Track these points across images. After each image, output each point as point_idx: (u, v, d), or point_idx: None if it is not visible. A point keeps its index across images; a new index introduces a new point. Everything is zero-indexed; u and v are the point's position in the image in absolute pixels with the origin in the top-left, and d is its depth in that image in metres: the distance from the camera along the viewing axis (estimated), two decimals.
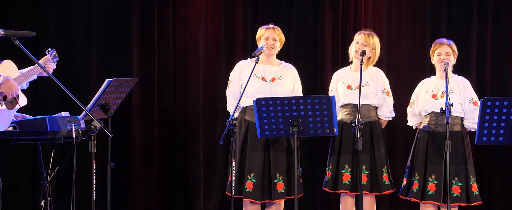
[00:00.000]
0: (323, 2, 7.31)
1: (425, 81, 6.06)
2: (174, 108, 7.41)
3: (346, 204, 6.06)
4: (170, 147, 7.41)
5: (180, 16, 7.39)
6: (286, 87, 5.98)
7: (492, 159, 7.18)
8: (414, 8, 7.30)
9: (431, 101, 5.87)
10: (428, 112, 5.90)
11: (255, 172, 5.85)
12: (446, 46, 5.92)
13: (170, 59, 7.39)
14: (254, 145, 5.87)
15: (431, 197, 5.79)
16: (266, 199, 5.89)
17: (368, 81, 6.03)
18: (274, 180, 5.86)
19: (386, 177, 5.99)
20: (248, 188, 5.86)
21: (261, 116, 5.46)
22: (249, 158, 5.88)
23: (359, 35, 6.07)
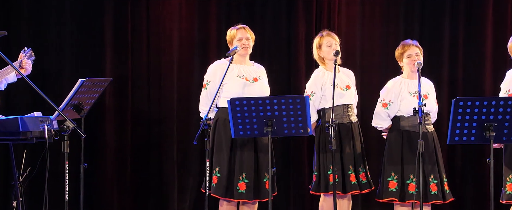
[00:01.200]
0: (297, 2, 7.33)
1: (399, 82, 6.01)
2: (147, 108, 7.39)
3: (326, 203, 6.05)
4: (143, 147, 7.39)
5: (154, 16, 7.37)
6: (265, 87, 5.98)
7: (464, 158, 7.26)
8: (387, 8, 7.34)
9: (416, 102, 5.85)
10: (411, 113, 5.88)
11: (247, 172, 5.83)
12: (415, 47, 5.96)
13: (143, 59, 7.36)
14: (243, 146, 5.84)
15: (412, 196, 5.82)
16: (256, 199, 5.87)
17: (349, 82, 6.06)
18: (263, 179, 5.86)
19: (363, 176, 6.01)
20: (240, 189, 5.82)
21: (235, 116, 5.45)
22: (239, 159, 5.84)
23: (325, 37, 6.04)
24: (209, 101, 5.89)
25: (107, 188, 7.33)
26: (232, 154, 5.83)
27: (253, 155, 5.83)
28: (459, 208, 7.16)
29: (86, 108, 5.85)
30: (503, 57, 6.22)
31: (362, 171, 6.02)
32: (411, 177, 5.84)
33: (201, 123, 5.53)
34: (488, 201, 5.39)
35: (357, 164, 6.00)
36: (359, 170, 6.01)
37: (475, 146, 5.98)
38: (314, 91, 6.03)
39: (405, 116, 5.92)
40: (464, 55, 7.28)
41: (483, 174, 7.04)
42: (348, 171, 5.94)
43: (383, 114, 6.00)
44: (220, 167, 5.81)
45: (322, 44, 6.05)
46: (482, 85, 7.19)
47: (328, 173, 5.92)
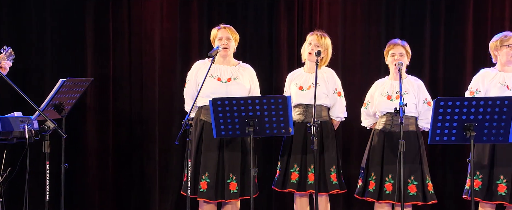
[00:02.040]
0: (279, 2, 7.33)
1: (379, 82, 6.11)
2: (129, 108, 7.36)
3: (300, 203, 6.08)
4: (125, 147, 7.36)
5: (135, 16, 7.35)
6: (242, 87, 5.97)
7: (445, 158, 7.29)
8: (368, 8, 7.36)
9: (386, 102, 5.93)
10: (383, 113, 5.96)
11: (209, 172, 5.84)
12: (400, 47, 5.99)
13: (125, 59, 7.34)
14: (209, 145, 5.86)
15: (388, 196, 5.84)
16: (220, 199, 5.88)
17: (319, 82, 6.03)
18: (227, 180, 5.86)
19: (334, 177, 6.01)
20: (202, 188, 5.85)
21: (217, 116, 5.45)
22: (203, 158, 5.87)
23: (312, 36, 6.10)
24: (189, 100, 5.99)
25: (88, 188, 7.30)
26: (198, 153, 5.86)
27: (217, 155, 5.85)
28: (439, 208, 7.19)
29: (67, 108, 5.82)
30: (483, 57, 6.25)
31: (334, 172, 6.01)
32: (390, 177, 5.85)
33: (183, 123, 5.53)
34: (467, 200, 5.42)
35: (328, 165, 6.00)
36: (330, 171, 6.00)
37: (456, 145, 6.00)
38: (286, 90, 6.13)
39: (380, 115, 5.97)
40: (445, 55, 7.31)
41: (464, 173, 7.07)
42: (310, 171, 5.95)
43: (363, 113, 6.15)
44: (190, 166, 5.83)
45: (306, 42, 6.11)
46: (463, 85, 7.21)
47: (291, 171, 5.95)
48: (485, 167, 5.76)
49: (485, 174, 5.76)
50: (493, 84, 5.80)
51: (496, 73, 5.84)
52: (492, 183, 5.75)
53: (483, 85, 5.82)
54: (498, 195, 5.71)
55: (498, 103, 5.14)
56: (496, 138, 5.23)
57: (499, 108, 5.14)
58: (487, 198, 5.75)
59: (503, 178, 5.72)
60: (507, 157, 5.73)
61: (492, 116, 5.16)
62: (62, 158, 5.82)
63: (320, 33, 6.11)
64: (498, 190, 5.72)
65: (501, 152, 5.73)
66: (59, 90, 5.60)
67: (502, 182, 5.72)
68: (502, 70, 5.86)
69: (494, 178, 5.74)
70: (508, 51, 5.81)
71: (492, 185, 5.74)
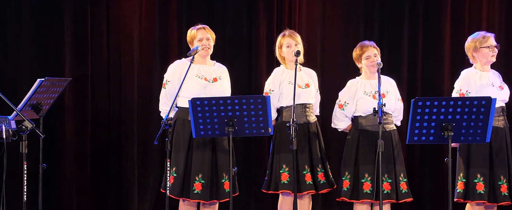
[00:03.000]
0: (258, 2, 7.33)
1: (356, 82, 6.05)
2: (107, 108, 7.33)
3: (285, 203, 6.07)
4: (103, 147, 7.33)
5: (114, 15, 7.31)
6: (225, 87, 5.97)
7: (423, 157, 7.33)
8: (347, 9, 7.39)
9: (373, 101, 5.89)
10: (368, 113, 5.94)
11: (203, 173, 5.81)
12: (373, 48, 6.00)
13: (103, 59, 7.31)
14: (200, 146, 5.82)
15: (366, 195, 5.86)
16: (214, 199, 5.86)
17: (309, 81, 6.08)
18: (221, 180, 5.85)
19: (321, 176, 6.04)
20: (196, 189, 5.80)
21: (196, 116, 5.44)
22: (195, 159, 5.82)
23: (286, 38, 6.05)
24: (168, 101, 5.89)
25: (67, 188, 7.26)
26: (189, 154, 5.83)
27: (210, 155, 5.82)
28: (418, 207, 7.23)
29: (45, 108, 5.79)
30: (461, 57, 6.30)
31: (321, 171, 6.04)
32: (366, 176, 5.87)
33: (162, 123, 5.52)
34: (446, 200, 5.45)
35: (315, 164, 6.02)
36: (317, 170, 6.02)
37: (434, 145, 6.04)
38: (272, 89, 6.06)
39: (363, 115, 5.97)
40: (423, 55, 7.35)
41: (442, 173, 7.12)
42: (303, 171, 5.96)
43: (340, 115, 6.05)
44: (177, 167, 5.80)
45: (282, 45, 6.08)
46: (441, 85, 7.28)
47: (280, 171, 5.94)
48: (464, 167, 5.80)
49: (485, 175, 5.79)
50: (482, 84, 5.81)
51: (480, 74, 5.87)
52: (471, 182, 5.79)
53: (474, 86, 5.81)
54: (477, 194, 5.75)
55: (476, 103, 5.17)
56: (474, 138, 5.27)
57: (476, 108, 5.18)
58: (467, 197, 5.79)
59: (479, 177, 5.76)
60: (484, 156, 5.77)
61: (470, 116, 5.19)
62: (40, 158, 5.79)
63: (291, 32, 6.10)
64: (477, 189, 5.76)
65: (476, 151, 5.77)
66: (37, 90, 5.56)
67: (480, 180, 5.76)
68: (483, 70, 5.89)
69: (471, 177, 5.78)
70: (488, 52, 5.85)
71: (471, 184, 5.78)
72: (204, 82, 5.89)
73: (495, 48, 5.86)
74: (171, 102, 5.82)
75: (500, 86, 5.86)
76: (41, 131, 5.14)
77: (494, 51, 5.86)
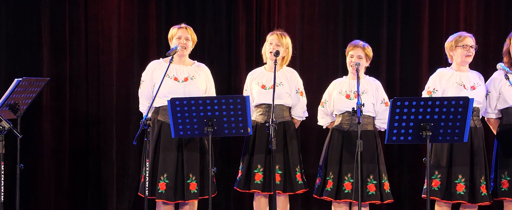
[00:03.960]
0: (237, 2, 7.33)
1: (337, 81, 6.15)
2: (86, 108, 7.30)
3: (260, 204, 6.10)
4: (82, 148, 7.29)
5: (92, 15, 7.28)
6: (199, 87, 5.97)
7: (402, 157, 7.37)
8: (326, 8, 7.41)
9: (345, 101, 5.96)
10: (342, 112, 5.99)
11: (168, 173, 5.82)
12: (360, 49, 6.03)
13: (82, 59, 7.27)
14: (167, 145, 5.84)
15: (347, 195, 5.88)
16: (179, 200, 5.87)
17: (282, 81, 6.08)
18: (187, 180, 5.85)
19: (299, 177, 6.06)
20: (161, 188, 5.82)
21: (175, 116, 5.44)
22: (162, 159, 5.84)
23: (272, 36, 6.12)
24: (144, 101, 5.96)
25: (44, 189, 7.21)
26: (156, 154, 5.84)
27: (176, 156, 5.83)
28: (396, 207, 7.27)
29: (22, 108, 5.75)
30: (439, 57, 6.34)
31: (298, 172, 6.05)
32: (349, 176, 5.89)
33: (140, 123, 5.50)
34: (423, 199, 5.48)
35: (292, 164, 6.03)
36: (295, 170, 6.03)
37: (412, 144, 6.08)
38: (246, 89, 6.15)
39: (338, 114, 6.01)
40: (401, 55, 7.39)
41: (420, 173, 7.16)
42: (278, 171, 5.97)
43: (320, 112, 6.16)
44: (148, 167, 5.81)
45: (267, 41, 6.12)
46: (419, 85, 7.30)
47: (255, 171, 5.96)
48: (443, 166, 5.84)
49: (443, 173, 5.83)
50: (451, 84, 5.88)
51: (452, 73, 5.93)
52: (451, 182, 5.82)
53: (440, 85, 5.89)
54: (457, 194, 5.79)
55: (454, 104, 5.21)
56: (452, 138, 5.31)
57: (454, 108, 5.22)
58: (446, 197, 5.82)
59: (461, 177, 5.80)
60: (465, 156, 5.81)
61: (448, 116, 5.23)
62: (17, 159, 5.74)
63: (280, 32, 6.14)
64: (457, 190, 5.79)
65: (458, 151, 5.81)
66: (14, 90, 5.53)
67: (461, 181, 5.80)
68: (458, 70, 5.94)
69: (452, 178, 5.82)
70: (463, 51, 5.90)
71: (451, 185, 5.82)
72: (174, 82, 5.90)
73: (471, 48, 5.90)
74: (148, 102, 5.83)
75: (472, 87, 5.89)
76: (19, 131, 5.11)
77: (469, 51, 5.90)
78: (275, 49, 5.99)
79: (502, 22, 7.32)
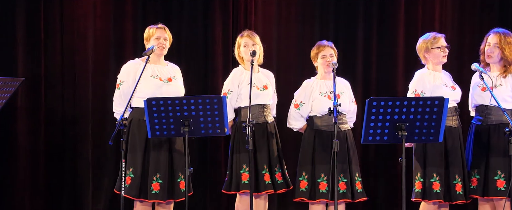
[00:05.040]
0: (214, 2, 7.33)
1: (312, 83, 6.08)
2: (61, 108, 7.25)
3: (242, 203, 6.06)
4: (57, 148, 7.25)
5: (68, 14, 7.24)
6: (180, 87, 5.96)
7: (378, 157, 7.40)
8: (302, 9, 7.43)
9: (327, 102, 5.93)
10: (323, 113, 5.96)
11: (161, 173, 5.79)
12: (330, 48, 6.04)
13: (57, 58, 7.22)
14: (157, 146, 5.79)
15: (322, 195, 5.89)
16: (170, 199, 5.84)
17: (267, 82, 6.11)
18: (177, 179, 5.83)
19: (279, 176, 6.06)
20: (154, 189, 5.77)
21: (151, 116, 5.42)
22: (152, 159, 5.79)
23: (245, 38, 6.09)
24: (123, 102, 5.87)
25: (19, 189, 7.16)
26: (146, 154, 5.80)
27: (167, 155, 5.81)
28: (372, 207, 7.30)
29: None
30: (414, 58, 6.37)
31: (278, 171, 6.07)
32: (322, 176, 5.91)
33: (117, 123, 5.48)
34: (400, 200, 5.51)
35: (273, 164, 6.04)
36: (274, 170, 6.05)
37: (388, 145, 6.10)
38: (231, 90, 6.06)
39: (318, 116, 6.00)
40: (377, 56, 7.43)
41: (396, 173, 7.20)
42: (262, 171, 5.97)
43: (296, 115, 6.08)
44: (134, 168, 5.77)
45: (240, 45, 6.10)
46: (395, 85, 7.36)
47: (241, 172, 5.95)
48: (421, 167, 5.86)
49: (422, 174, 5.86)
50: (437, 84, 5.88)
51: (434, 74, 5.94)
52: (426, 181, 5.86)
53: (429, 86, 5.87)
54: (433, 193, 5.82)
55: (429, 104, 5.24)
56: (427, 138, 5.34)
57: (429, 108, 5.25)
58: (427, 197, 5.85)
59: (435, 176, 5.84)
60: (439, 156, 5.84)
61: (423, 116, 5.26)
62: None
63: (249, 33, 6.13)
64: (433, 188, 5.82)
65: (431, 151, 5.84)
66: None
67: (436, 180, 5.83)
68: (435, 71, 5.97)
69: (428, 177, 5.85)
70: (439, 52, 5.92)
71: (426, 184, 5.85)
72: (159, 82, 5.87)
73: (446, 48, 5.95)
74: (125, 103, 5.79)
75: (452, 87, 5.95)
76: None
77: (445, 52, 5.94)
78: (252, 50, 5.98)
79: (477, 23, 7.39)
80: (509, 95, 5.83)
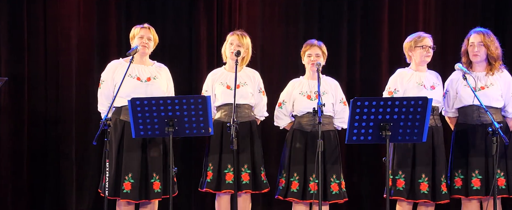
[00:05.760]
0: (198, 2, 7.32)
1: (295, 82, 6.13)
2: (45, 108, 7.22)
3: (222, 203, 6.07)
4: (41, 148, 7.22)
5: (51, 14, 7.21)
6: (161, 87, 5.96)
7: (361, 157, 7.43)
8: (286, 9, 7.44)
9: (307, 102, 5.97)
10: (303, 113, 5.99)
11: (133, 172, 5.79)
12: (317, 48, 6.06)
13: (40, 58, 7.19)
14: (130, 145, 5.80)
15: (313, 196, 5.90)
16: (144, 199, 5.83)
17: (246, 81, 6.10)
18: (150, 179, 5.83)
19: (263, 176, 6.07)
20: (125, 188, 5.79)
21: (136, 116, 5.41)
22: (126, 159, 5.81)
23: (233, 36, 6.13)
24: (104, 101, 5.91)
25: (2, 190, 7.12)
26: (119, 154, 5.81)
27: (140, 155, 5.81)
28: (355, 206, 7.32)
29: None
30: (398, 58, 6.41)
31: (262, 171, 6.07)
32: (314, 176, 5.91)
33: (100, 123, 5.47)
34: (383, 199, 5.53)
35: (256, 164, 6.04)
36: (260, 170, 6.05)
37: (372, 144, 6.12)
38: (206, 90, 6.13)
39: (299, 115, 6.03)
40: (361, 56, 7.45)
41: (379, 172, 7.22)
42: (242, 171, 5.97)
43: (279, 113, 6.14)
44: (109, 167, 5.77)
45: (228, 41, 6.12)
46: (379, 85, 7.36)
47: (225, 171, 5.95)
48: (407, 166, 5.88)
49: (407, 173, 5.87)
50: (411, 84, 5.92)
51: (412, 73, 5.98)
52: (415, 181, 5.87)
53: (401, 85, 5.93)
54: (421, 194, 5.84)
55: (413, 104, 5.27)
56: (411, 138, 5.36)
57: (413, 108, 5.27)
58: (411, 197, 5.87)
59: (424, 177, 5.86)
60: (427, 156, 5.87)
61: (407, 116, 5.29)
62: None
63: (241, 33, 6.15)
64: (421, 189, 5.84)
65: (420, 150, 5.87)
66: None
67: (424, 180, 5.85)
68: (417, 70, 6.00)
69: (416, 177, 5.87)
70: (422, 52, 5.96)
71: (414, 184, 5.87)
72: (137, 81, 5.88)
73: (430, 48, 5.98)
74: (108, 102, 5.79)
75: (432, 87, 5.97)
76: None
77: (428, 52, 5.97)
78: (236, 50, 6.00)
79: (460, 23, 7.43)
80: (499, 94, 5.87)
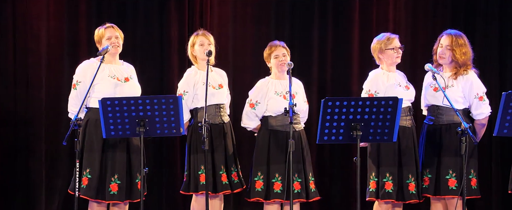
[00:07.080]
0: (169, 2, 7.31)
1: (267, 82, 6.10)
2: (14, 108, 7.16)
3: (198, 204, 6.04)
4: (9, 149, 7.15)
5: (20, 13, 7.14)
6: (136, 87, 5.94)
7: (333, 157, 7.46)
8: (258, 9, 7.45)
9: (283, 101, 5.94)
10: (279, 113, 5.97)
11: (119, 174, 5.75)
12: (282, 48, 6.07)
13: (9, 58, 7.12)
14: (115, 146, 5.75)
15: (276, 195, 5.91)
16: (128, 199, 5.81)
17: (221, 81, 6.09)
18: (135, 180, 5.80)
19: (235, 176, 6.07)
20: (112, 190, 5.73)
21: (106, 116, 5.38)
22: (111, 160, 5.75)
23: (200, 37, 6.07)
24: (78, 102, 5.81)
25: None
26: (103, 155, 5.76)
27: (124, 156, 5.78)
28: (326, 206, 7.35)
29: None
30: (369, 58, 6.44)
31: (234, 171, 6.08)
32: (276, 175, 5.92)
33: (71, 124, 5.43)
34: (354, 199, 5.55)
35: (229, 164, 6.04)
36: (231, 170, 6.06)
37: (344, 145, 6.15)
38: (186, 91, 6.03)
39: (273, 115, 6.02)
40: (332, 56, 7.48)
41: (351, 172, 7.26)
42: (220, 171, 5.97)
43: (251, 114, 6.08)
44: (91, 168, 5.73)
45: (195, 43, 6.08)
46: (350, 86, 7.42)
47: (199, 173, 5.93)
48: (374, 167, 5.92)
49: (394, 175, 5.90)
50: (390, 84, 5.92)
51: (387, 74, 5.99)
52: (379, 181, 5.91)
53: (382, 86, 5.90)
54: (386, 193, 5.88)
55: (383, 104, 5.30)
56: (381, 137, 5.40)
57: (384, 108, 5.31)
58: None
59: (388, 176, 5.90)
60: (392, 156, 5.90)
61: (377, 116, 5.32)
62: None
63: (205, 31, 6.13)
64: (385, 188, 5.88)
65: (385, 151, 5.90)
66: None
67: (388, 179, 5.89)
68: (389, 71, 6.03)
69: (380, 177, 5.90)
70: (394, 53, 5.98)
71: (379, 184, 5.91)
72: (117, 82, 5.85)
73: (400, 49, 6.01)
74: (81, 103, 5.74)
75: (406, 86, 6.02)
76: None
77: (398, 53, 6.01)
78: (208, 49, 5.97)
79: (430, 23, 7.50)
80: (460, 96, 5.92)
